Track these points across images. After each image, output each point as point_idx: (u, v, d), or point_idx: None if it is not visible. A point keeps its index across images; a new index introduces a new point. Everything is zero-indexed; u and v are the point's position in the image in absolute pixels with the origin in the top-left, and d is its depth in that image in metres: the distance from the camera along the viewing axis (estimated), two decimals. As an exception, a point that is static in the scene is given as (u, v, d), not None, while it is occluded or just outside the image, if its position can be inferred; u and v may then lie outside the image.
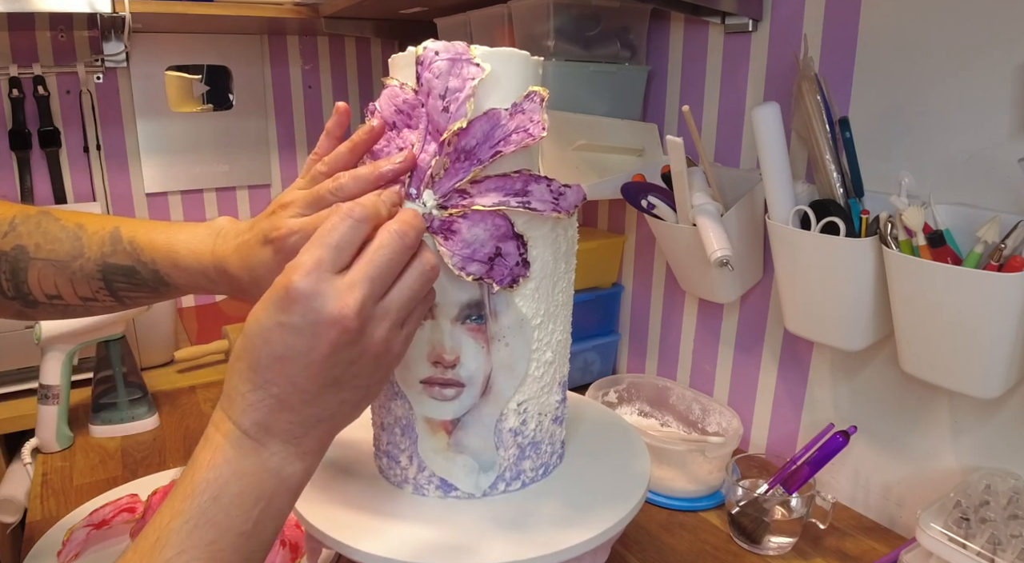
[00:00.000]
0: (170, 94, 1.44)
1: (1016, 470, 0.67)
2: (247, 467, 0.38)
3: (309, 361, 0.38)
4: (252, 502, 0.38)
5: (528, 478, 0.56)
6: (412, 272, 0.41)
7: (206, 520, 0.37)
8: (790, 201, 0.73)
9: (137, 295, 0.57)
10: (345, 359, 0.39)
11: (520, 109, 0.47)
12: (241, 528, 0.38)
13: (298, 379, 0.38)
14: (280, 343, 0.38)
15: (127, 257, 0.56)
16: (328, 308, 0.37)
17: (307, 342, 0.38)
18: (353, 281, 0.38)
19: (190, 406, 1.08)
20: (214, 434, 0.39)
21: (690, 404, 0.96)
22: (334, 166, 0.49)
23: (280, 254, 0.48)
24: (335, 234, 0.39)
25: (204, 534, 0.37)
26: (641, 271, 1.10)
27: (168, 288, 0.56)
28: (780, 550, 0.74)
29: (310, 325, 0.37)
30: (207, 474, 0.38)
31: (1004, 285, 0.57)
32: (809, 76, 0.72)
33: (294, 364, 0.38)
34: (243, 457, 0.38)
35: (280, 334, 0.38)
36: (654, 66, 1.00)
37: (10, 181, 1.32)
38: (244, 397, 0.39)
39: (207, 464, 0.38)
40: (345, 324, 0.38)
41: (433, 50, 0.47)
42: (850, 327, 0.73)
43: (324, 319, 0.37)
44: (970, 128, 0.67)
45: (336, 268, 0.38)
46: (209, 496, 0.37)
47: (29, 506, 0.83)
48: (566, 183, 0.49)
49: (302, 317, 0.37)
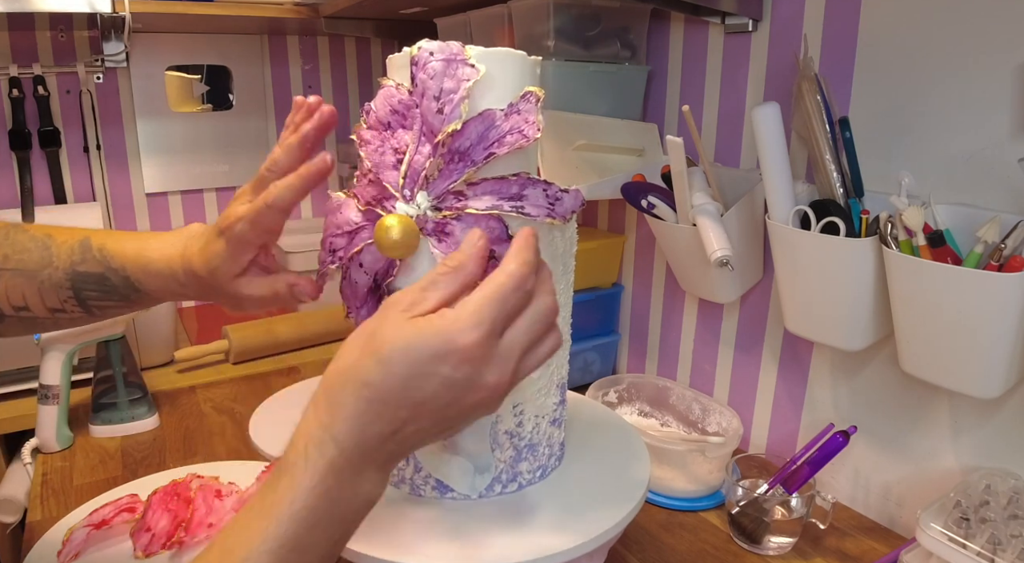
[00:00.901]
0: (170, 94, 1.44)
1: (1016, 470, 0.67)
2: (343, 494, 0.38)
3: (446, 413, 0.39)
4: (339, 526, 0.39)
5: (525, 480, 0.56)
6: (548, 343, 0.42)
7: (299, 546, 0.37)
8: (790, 201, 0.73)
9: (106, 304, 0.57)
10: (482, 409, 0.40)
11: (516, 110, 0.47)
12: (325, 551, 0.38)
13: (425, 423, 0.39)
14: (430, 391, 0.38)
15: (97, 264, 0.55)
16: (488, 376, 0.38)
17: (455, 396, 0.38)
18: (512, 352, 0.39)
19: (190, 406, 1.08)
20: (317, 458, 0.38)
21: (690, 404, 0.96)
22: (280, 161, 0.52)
23: (230, 243, 0.51)
24: (511, 301, 0.39)
25: (293, 558, 0.37)
26: (641, 271, 1.10)
27: (138, 295, 0.56)
28: (780, 550, 0.74)
29: (467, 385, 0.38)
30: (307, 501, 0.37)
31: (1004, 285, 0.57)
32: (809, 76, 0.72)
33: (430, 411, 0.38)
34: (342, 485, 0.38)
35: (435, 384, 0.37)
36: (654, 66, 1.00)
37: (10, 181, 1.32)
38: (364, 429, 0.38)
39: (308, 491, 0.37)
40: (497, 392, 0.39)
41: (428, 51, 0.47)
42: (850, 327, 0.72)
43: (481, 384, 0.38)
44: (970, 128, 0.66)
45: (500, 334, 0.39)
46: (306, 525, 0.37)
47: (29, 506, 0.83)
48: (564, 187, 0.49)
49: (466, 378, 0.38)
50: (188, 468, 0.84)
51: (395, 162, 0.48)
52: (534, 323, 0.40)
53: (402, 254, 0.46)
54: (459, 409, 0.39)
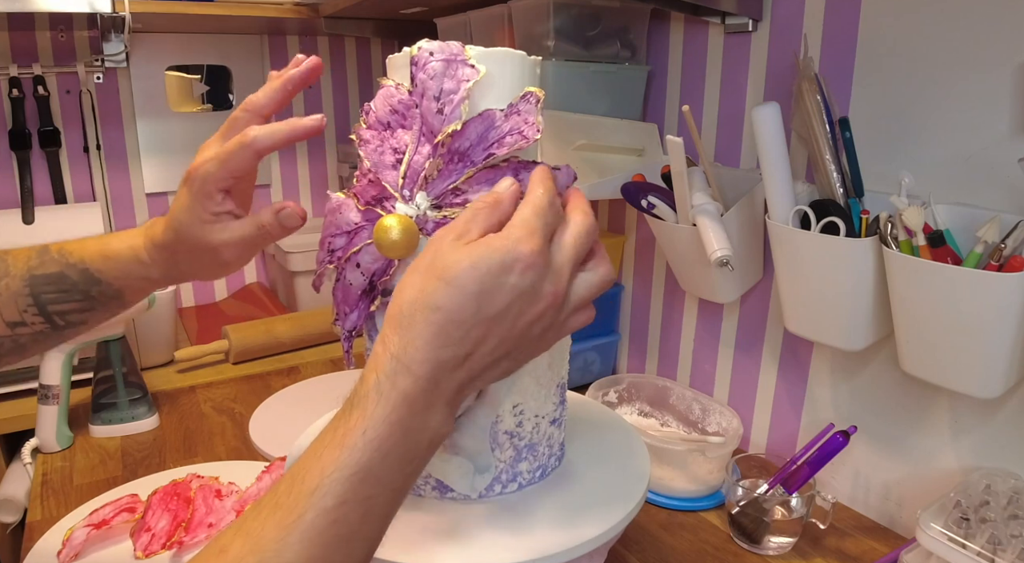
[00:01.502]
0: (170, 94, 1.44)
1: (1016, 470, 0.67)
2: (414, 425, 0.38)
3: (513, 325, 0.39)
4: (409, 460, 0.38)
5: (525, 480, 0.56)
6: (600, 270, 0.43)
7: (371, 475, 0.36)
8: (790, 201, 0.73)
9: (67, 307, 0.54)
10: (533, 332, 0.40)
11: (516, 110, 0.47)
12: (396, 484, 0.38)
13: (493, 340, 0.39)
14: (500, 304, 0.38)
15: (55, 264, 0.54)
16: (548, 284, 0.39)
17: (523, 307, 0.39)
18: (563, 263, 0.40)
19: (190, 406, 1.08)
20: (390, 390, 0.38)
21: (690, 404, 0.96)
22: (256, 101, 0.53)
23: (195, 187, 0.51)
24: (548, 215, 0.41)
25: (366, 489, 0.36)
26: (641, 271, 1.10)
27: (99, 288, 0.54)
28: (780, 550, 0.74)
29: (533, 293, 0.39)
30: (380, 430, 0.37)
31: (1004, 285, 0.57)
32: (809, 76, 0.72)
33: (500, 326, 0.39)
34: (413, 416, 0.38)
35: (504, 295, 0.38)
36: (654, 66, 1.00)
37: (10, 181, 1.32)
38: (437, 354, 0.38)
39: (382, 420, 0.37)
40: (557, 301, 0.40)
41: (428, 51, 0.47)
42: (850, 327, 0.72)
43: (545, 292, 0.39)
44: (970, 128, 0.66)
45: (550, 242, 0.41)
46: (379, 454, 0.37)
47: (29, 506, 0.83)
48: (555, 166, 0.49)
49: (531, 284, 0.39)
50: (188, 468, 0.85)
51: (395, 162, 0.48)
52: (578, 235, 0.41)
53: (402, 254, 0.46)
54: (526, 322, 0.39)
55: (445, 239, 0.40)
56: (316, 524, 0.35)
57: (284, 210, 0.52)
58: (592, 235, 0.43)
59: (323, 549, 0.35)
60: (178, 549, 0.70)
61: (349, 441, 0.37)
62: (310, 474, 0.36)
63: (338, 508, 0.35)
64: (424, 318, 0.38)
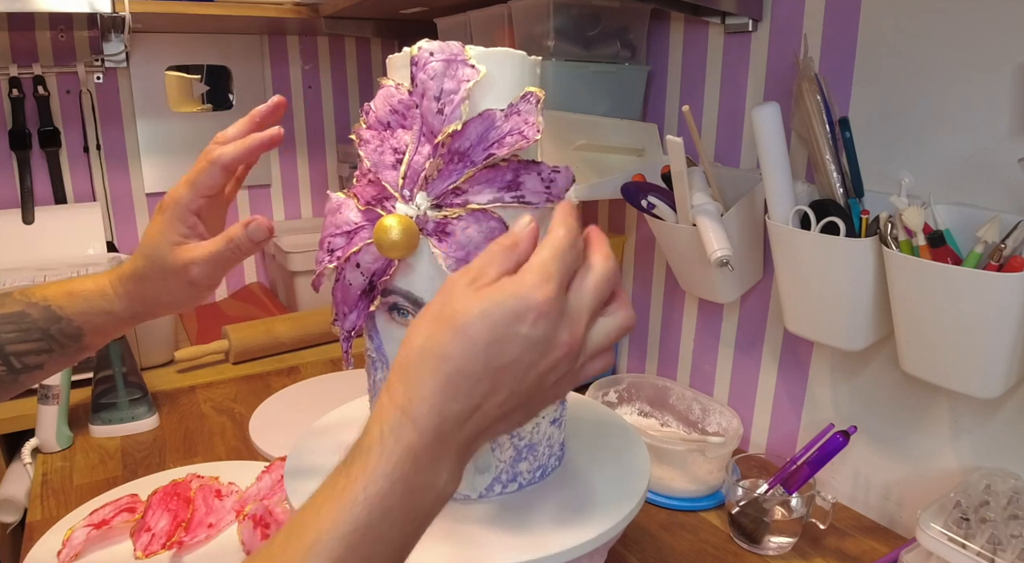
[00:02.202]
0: (170, 94, 1.44)
1: (1016, 470, 0.67)
2: (419, 482, 0.36)
3: (526, 376, 0.37)
4: (413, 518, 0.37)
5: (525, 480, 0.56)
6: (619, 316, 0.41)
7: (371, 533, 0.35)
8: (790, 201, 0.73)
9: (25, 347, 0.53)
10: (548, 383, 0.39)
11: (516, 110, 0.47)
12: (398, 543, 0.37)
13: (504, 392, 0.37)
14: (511, 355, 0.36)
15: (16, 304, 0.54)
16: (564, 333, 0.38)
17: (535, 358, 0.37)
18: (581, 310, 0.39)
19: (190, 406, 1.08)
20: (393, 443, 0.36)
21: (690, 404, 0.96)
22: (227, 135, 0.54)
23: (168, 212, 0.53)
24: (568, 258, 0.38)
25: (365, 549, 0.35)
26: (641, 271, 1.10)
27: (59, 325, 0.54)
28: (780, 550, 0.74)
29: (545, 344, 0.37)
30: (381, 487, 0.35)
31: (1004, 285, 0.57)
32: (809, 76, 0.72)
33: (513, 376, 0.37)
34: (418, 472, 0.36)
35: (516, 345, 0.36)
36: (654, 66, 1.00)
37: (10, 181, 1.32)
38: (444, 406, 0.36)
39: (384, 476, 0.35)
40: (572, 350, 0.38)
41: (428, 51, 0.47)
42: (850, 327, 0.72)
43: (559, 342, 0.37)
44: (970, 128, 0.66)
45: (566, 292, 0.39)
46: (380, 511, 0.35)
47: (29, 506, 0.83)
48: (555, 167, 0.49)
49: (543, 334, 0.37)
50: (188, 468, 0.85)
51: (395, 162, 0.48)
52: (598, 280, 0.40)
53: (402, 254, 0.46)
54: (539, 373, 0.38)
55: (458, 283, 0.38)
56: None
57: (252, 223, 0.53)
58: (613, 280, 0.41)
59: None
60: (178, 549, 0.70)
61: (348, 496, 0.35)
62: (307, 530, 0.35)
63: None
64: (432, 368, 0.37)
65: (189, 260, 0.53)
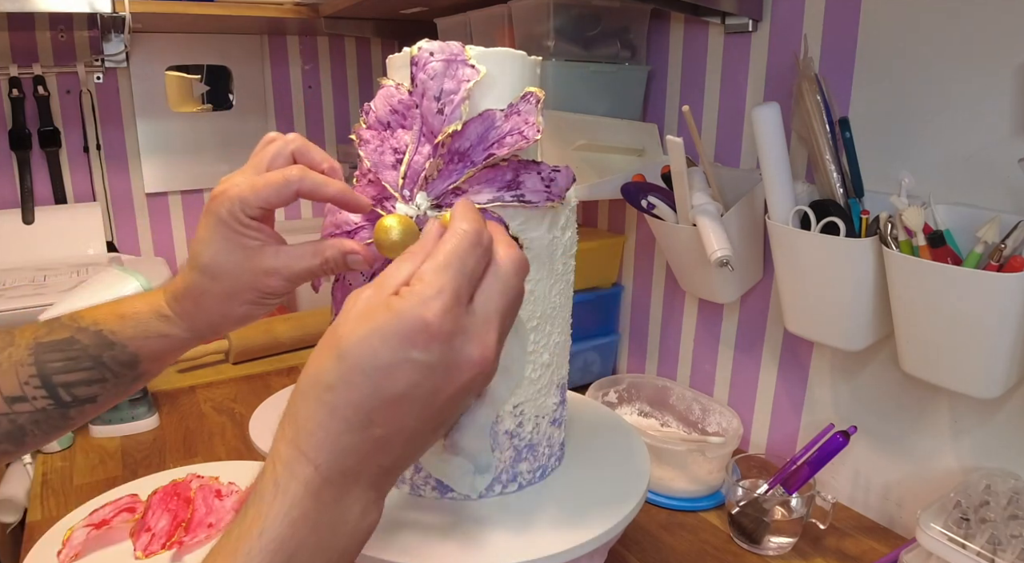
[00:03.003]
0: (170, 94, 1.44)
1: (1016, 470, 0.67)
2: (325, 521, 0.33)
3: (431, 402, 0.33)
4: (325, 558, 0.33)
5: (525, 480, 0.56)
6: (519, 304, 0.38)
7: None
8: (790, 201, 0.73)
9: (74, 377, 0.47)
10: (465, 400, 0.35)
11: (516, 110, 0.47)
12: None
13: (408, 421, 0.33)
14: (405, 382, 0.32)
15: (65, 329, 0.48)
16: (469, 350, 0.33)
17: (436, 383, 0.33)
18: (488, 318, 0.34)
19: (190, 406, 1.08)
20: (288, 480, 0.33)
21: (690, 404, 0.95)
22: None
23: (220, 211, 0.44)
24: (468, 261, 0.34)
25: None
26: (641, 271, 1.10)
27: (112, 351, 0.48)
28: (780, 550, 0.74)
29: (447, 366, 0.33)
30: (281, 531, 0.32)
31: (1004, 285, 0.57)
32: (809, 76, 0.72)
33: (412, 405, 0.33)
34: (322, 510, 0.33)
35: (408, 372, 0.32)
36: (654, 66, 1.00)
37: (10, 181, 1.32)
38: (336, 439, 0.33)
39: (280, 518, 0.32)
40: (484, 367, 0.34)
41: (428, 51, 0.47)
42: (850, 327, 0.72)
43: (463, 361, 0.33)
44: (970, 128, 0.66)
45: (467, 300, 0.34)
46: (283, 556, 0.32)
47: (29, 506, 0.83)
48: (555, 167, 0.49)
49: (441, 357, 0.33)
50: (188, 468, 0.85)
51: (394, 162, 0.48)
52: (508, 278, 0.36)
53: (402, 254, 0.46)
54: (447, 396, 0.34)
55: (357, 298, 0.34)
56: None
57: (351, 256, 0.46)
58: (523, 273, 0.37)
59: None
60: (178, 549, 0.70)
61: (244, 547, 0.31)
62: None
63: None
64: (315, 398, 0.33)
65: (271, 269, 0.46)
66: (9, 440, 0.46)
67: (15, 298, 1.01)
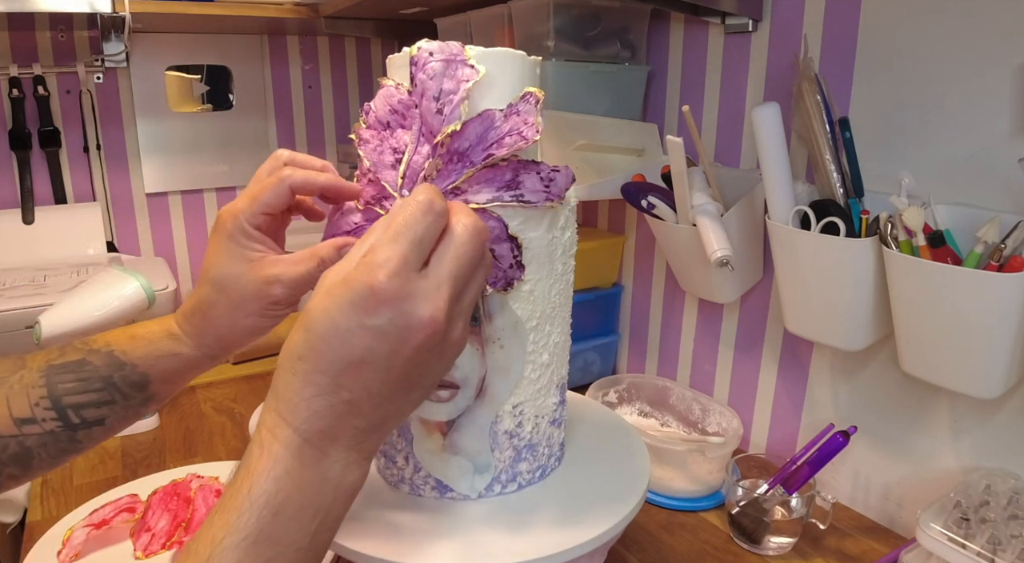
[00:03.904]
0: (170, 94, 1.44)
1: (1016, 470, 0.67)
2: (308, 478, 0.36)
3: (390, 365, 0.36)
4: (312, 515, 0.36)
5: (524, 480, 0.56)
6: (482, 269, 0.40)
7: (265, 537, 0.34)
8: (790, 201, 0.73)
9: (84, 398, 0.48)
10: (424, 361, 0.37)
11: (515, 110, 0.47)
12: (300, 543, 0.36)
13: (374, 384, 0.36)
14: (361, 347, 0.35)
15: (76, 352, 0.49)
16: (419, 311, 0.35)
17: (392, 346, 0.36)
18: (440, 281, 0.37)
19: (190, 406, 1.08)
20: (271, 442, 0.36)
21: (690, 404, 0.95)
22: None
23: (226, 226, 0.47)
24: (418, 228, 0.36)
25: (262, 551, 0.34)
26: (641, 271, 1.10)
27: (123, 372, 0.49)
28: (780, 550, 0.74)
29: (399, 329, 0.35)
30: (266, 487, 0.35)
31: (1004, 285, 0.57)
32: (809, 76, 0.72)
33: (373, 369, 0.36)
34: (304, 468, 0.36)
35: (363, 337, 0.35)
36: (654, 66, 1.00)
37: (10, 181, 1.32)
38: (309, 403, 0.36)
39: (265, 476, 0.35)
40: (435, 327, 0.36)
41: (427, 51, 0.47)
42: (850, 327, 0.72)
43: (414, 323, 0.36)
44: (970, 128, 0.66)
45: (419, 265, 0.36)
46: (269, 512, 0.34)
47: (29, 506, 0.83)
48: (555, 167, 0.49)
49: (390, 321, 0.35)
50: (188, 468, 0.85)
51: (394, 162, 0.48)
52: (462, 243, 0.38)
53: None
54: (405, 358, 0.36)
55: (329, 272, 0.37)
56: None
57: (346, 247, 0.48)
58: (479, 239, 0.39)
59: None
60: (178, 549, 0.70)
61: (236, 503, 0.35)
62: (202, 544, 0.34)
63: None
64: (288, 369, 0.36)
65: (272, 277, 0.47)
66: (16, 463, 0.47)
67: (15, 298, 1.01)
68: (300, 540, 0.36)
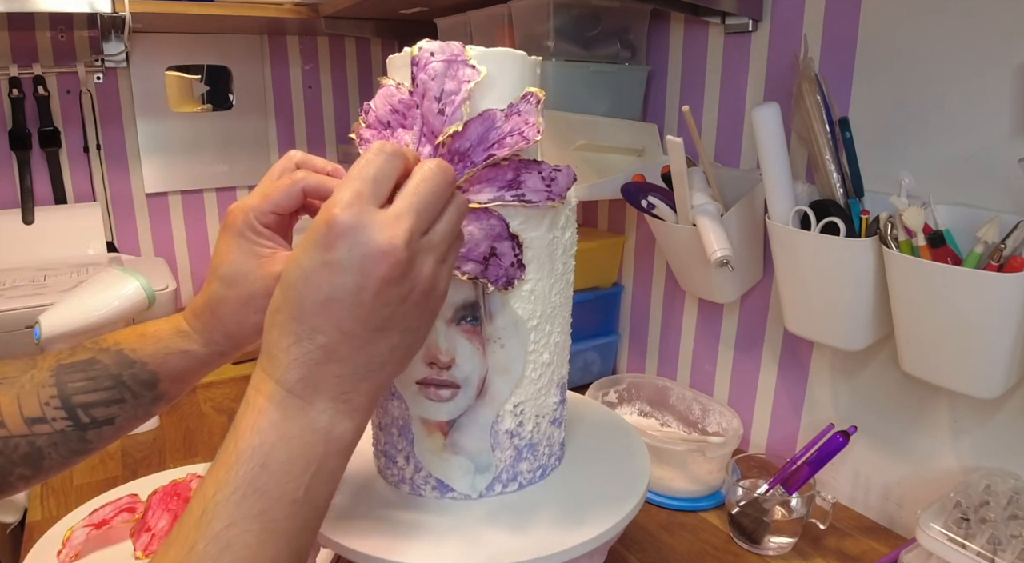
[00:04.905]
0: (170, 94, 1.44)
1: (1016, 470, 0.67)
2: (294, 429, 0.36)
3: (358, 301, 0.36)
4: (302, 467, 0.36)
5: (525, 480, 0.56)
6: (452, 207, 0.40)
7: (255, 489, 0.34)
8: (790, 201, 0.73)
9: (94, 397, 0.48)
10: (395, 296, 0.37)
11: (516, 111, 0.47)
12: (293, 495, 0.36)
13: (346, 323, 0.36)
14: (326, 284, 0.35)
15: (86, 352, 0.50)
16: (376, 239, 0.35)
17: (355, 279, 0.35)
18: (399, 212, 0.36)
19: (190, 406, 1.08)
20: (255, 397, 0.37)
21: (690, 404, 0.96)
22: None
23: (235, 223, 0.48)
24: (371, 167, 0.37)
25: (254, 504, 0.34)
26: (641, 271, 1.10)
27: (132, 370, 0.49)
28: (780, 550, 0.74)
29: (358, 259, 0.35)
30: (251, 440, 0.35)
31: (1004, 285, 0.57)
32: (809, 76, 0.72)
33: (342, 306, 0.36)
34: (289, 419, 0.36)
35: (326, 274, 0.35)
36: (654, 66, 1.00)
37: (10, 181, 1.32)
38: (287, 352, 0.36)
39: (251, 429, 0.36)
40: (396, 255, 0.35)
41: (428, 51, 0.47)
42: (850, 327, 0.72)
43: (373, 251, 0.35)
44: (970, 128, 0.66)
45: (377, 201, 0.37)
46: (256, 464, 0.35)
47: (29, 506, 0.83)
48: (556, 166, 0.49)
49: (349, 251, 0.35)
50: (188, 468, 0.85)
51: (395, 162, 0.48)
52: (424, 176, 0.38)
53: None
54: (373, 292, 0.36)
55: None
56: (208, 553, 0.33)
57: None
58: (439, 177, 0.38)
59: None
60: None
61: (225, 458, 0.35)
62: (197, 501, 0.34)
63: (227, 530, 0.33)
64: (271, 323, 0.37)
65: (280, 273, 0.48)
66: (27, 463, 0.47)
67: (15, 298, 1.01)
68: (293, 492, 0.36)
